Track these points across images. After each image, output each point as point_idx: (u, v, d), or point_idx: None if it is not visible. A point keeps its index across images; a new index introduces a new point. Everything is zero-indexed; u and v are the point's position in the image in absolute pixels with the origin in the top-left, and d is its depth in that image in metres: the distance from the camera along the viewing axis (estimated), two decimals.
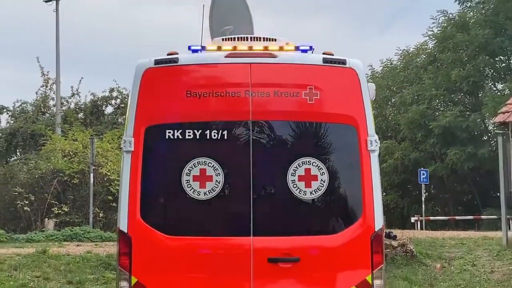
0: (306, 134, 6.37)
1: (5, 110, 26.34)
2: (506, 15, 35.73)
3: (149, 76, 6.28)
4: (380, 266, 6.26)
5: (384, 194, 28.58)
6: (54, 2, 30.28)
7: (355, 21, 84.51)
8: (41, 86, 35.35)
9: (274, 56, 6.37)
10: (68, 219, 21.93)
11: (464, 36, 36.58)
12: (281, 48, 6.49)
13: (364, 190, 6.26)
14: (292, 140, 6.36)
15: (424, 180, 33.06)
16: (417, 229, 31.04)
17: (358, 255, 6.23)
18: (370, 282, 6.16)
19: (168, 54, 6.39)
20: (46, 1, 30.33)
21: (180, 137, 6.21)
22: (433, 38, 40.57)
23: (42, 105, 35.94)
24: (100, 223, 22.16)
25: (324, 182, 6.20)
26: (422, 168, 34.07)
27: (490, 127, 36.06)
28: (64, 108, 35.04)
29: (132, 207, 6.13)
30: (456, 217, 36.20)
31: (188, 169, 6.13)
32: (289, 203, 6.26)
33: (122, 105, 37.63)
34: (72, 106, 36.00)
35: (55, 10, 31.58)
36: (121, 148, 6.43)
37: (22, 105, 36.08)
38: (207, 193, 6.12)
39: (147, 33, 79.54)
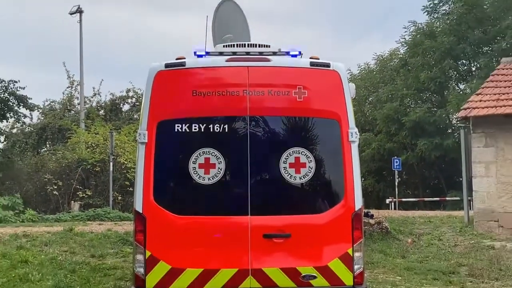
0: (296, 127, 6.41)
1: (36, 108, 26.30)
2: (468, 25, 35.80)
3: (161, 77, 6.31)
4: (360, 241, 6.32)
5: (362, 179, 28.64)
6: (78, 14, 30.29)
7: (336, 31, 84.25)
8: (67, 87, 35.66)
9: (268, 60, 6.41)
10: (91, 202, 22.03)
11: (432, 42, 36.59)
12: (274, 53, 6.53)
13: (346, 175, 6.32)
14: (284, 133, 6.40)
15: (397, 167, 33.23)
16: (391, 209, 31.09)
17: (341, 231, 6.28)
18: (351, 254, 6.23)
19: (176, 59, 6.43)
20: (71, 14, 30.31)
21: (187, 130, 6.25)
22: (405, 45, 40.64)
23: (68, 103, 36.08)
24: (119, 205, 22.22)
25: (311, 168, 6.26)
26: (395, 157, 34.24)
27: (454, 121, 36.07)
28: (87, 106, 35.11)
29: (146, 191, 6.17)
30: (425, 198, 36.37)
31: (194, 158, 6.18)
32: (281, 187, 6.32)
33: (137, 103, 37.69)
34: (94, 104, 36.20)
35: (79, 21, 31.55)
36: (136, 140, 6.43)
37: (51, 103, 36.36)
38: (211, 178, 6.16)
39: (158, 41, 79.31)
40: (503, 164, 17.29)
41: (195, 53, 6.55)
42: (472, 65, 38.57)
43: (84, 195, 21.91)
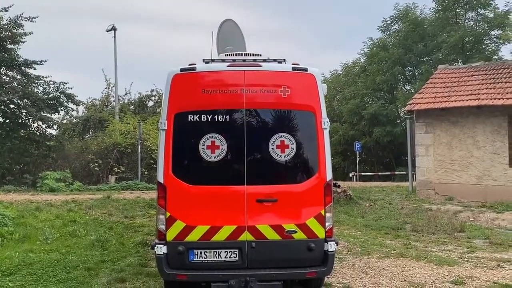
0: (281, 117, 6.39)
1: (81, 103, 26.14)
2: (413, 40, 35.81)
3: (177, 79, 6.27)
4: (330, 204, 6.34)
5: (332, 158, 28.83)
6: (113, 31, 29.92)
7: (311, 44, 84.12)
8: (105, 88, 35.41)
9: (260, 66, 6.39)
10: (124, 176, 22.08)
11: (385, 53, 36.62)
12: (264, 60, 6.50)
13: (319, 154, 6.33)
14: (272, 121, 6.39)
15: (358, 149, 33.38)
16: (354, 181, 31.25)
17: (316, 197, 6.29)
18: (323, 214, 6.26)
19: (189, 65, 6.37)
20: (108, 31, 29.97)
21: (198, 120, 6.23)
22: (364, 55, 40.60)
23: (105, 100, 35.77)
24: (145, 178, 22.27)
25: (293, 149, 6.27)
26: (357, 141, 34.37)
27: (401, 114, 36.15)
28: (120, 102, 34.96)
29: (166, 166, 6.16)
30: (379, 173, 36.45)
31: (203, 141, 6.16)
32: (270, 163, 6.32)
33: (159, 100, 37.57)
34: (126, 101, 35.78)
35: (113, 37, 31.30)
36: (158, 128, 6.39)
37: (92, 100, 36.10)
38: (216, 157, 6.16)
39: (174, 52, 79.09)
40: (438, 146, 17.36)
41: (203, 60, 6.51)
42: (416, 71, 38.52)
43: (118, 170, 21.97)
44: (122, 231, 11.94)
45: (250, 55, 6.75)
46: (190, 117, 6.21)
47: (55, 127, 25.32)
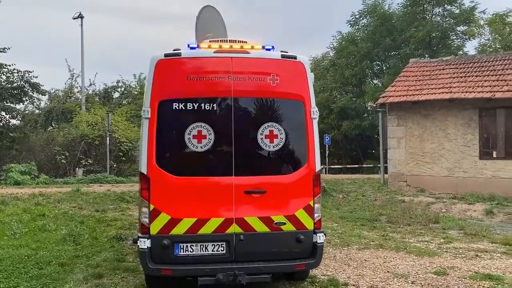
0: (270, 107, 6.19)
1: (47, 93, 25.16)
2: (381, 34, 36.03)
3: (161, 65, 5.98)
4: (319, 195, 6.21)
5: None
6: (80, 19, 28.73)
7: (282, 37, 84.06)
8: (68, 79, 34.18)
9: (248, 53, 6.17)
10: (92, 168, 21.44)
11: (353, 48, 36.81)
12: (252, 47, 6.25)
13: (308, 145, 6.19)
14: (261, 111, 6.19)
15: (327, 142, 33.47)
16: (323, 174, 31.40)
17: (305, 188, 6.15)
18: (312, 206, 6.13)
19: (173, 50, 6.07)
20: (74, 19, 28.76)
21: (183, 108, 5.97)
22: (333, 49, 40.75)
23: (69, 91, 34.57)
24: (114, 171, 21.66)
25: (282, 139, 6.10)
26: (326, 134, 34.50)
27: (369, 108, 36.58)
28: (85, 93, 33.94)
29: (150, 157, 5.87)
30: (347, 166, 36.80)
31: (189, 130, 5.91)
32: (258, 154, 6.14)
33: (126, 92, 36.88)
34: (90, 92, 34.65)
35: (80, 25, 30.18)
36: (141, 116, 6.08)
37: (55, 91, 34.87)
38: (203, 147, 5.92)
39: (141, 43, 77.52)
40: (410, 139, 17.55)
41: (188, 45, 6.23)
42: (384, 65, 38.92)
43: (86, 163, 21.25)
44: (94, 225, 11.52)
45: (236, 42, 6.49)
46: (175, 105, 5.93)
47: (19, 117, 24.34)
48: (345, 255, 8.90)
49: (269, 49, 6.27)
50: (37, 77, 22.61)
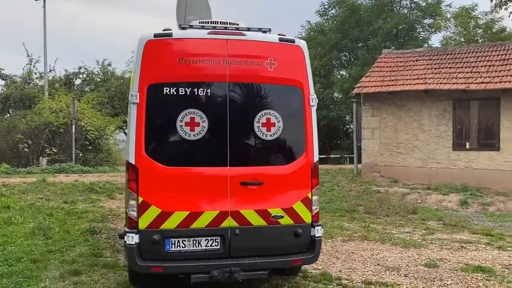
0: (267, 93, 5.81)
1: (8, 78, 23.77)
2: (349, 26, 36.02)
3: (150, 46, 5.51)
4: (317, 187, 5.92)
5: None
6: (42, 0, 27.15)
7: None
8: (26, 64, 32.62)
9: (244, 35, 5.76)
10: (56, 158, 20.44)
11: (322, 38, 36.68)
12: (248, 29, 5.85)
13: (307, 134, 5.89)
14: (258, 97, 5.81)
15: None
16: None
17: (302, 179, 5.84)
18: (310, 198, 5.83)
19: (163, 30, 5.60)
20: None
21: (175, 93, 5.52)
22: (302, 39, 40.42)
23: (27, 77, 33.04)
24: (80, 160, 20.74)
25: (280, 127, 5.75)
26: None
27: (335, 98, 36.78)
28: (43, 79, 32.57)
29: (138, 145, 5.42)
30: None
31: (181, 117, 5.48)
32: (255, 143, 5.77)
33: (88, 78, 35.68)
34: (50, 78, 33.13)
35: (43, 6, 28.72)
36: (129, 101, 5.61)
37: (13, 77, 33.27)
38: (196, 135, 5.51)
39: (103, 29, 75.30)
40: (384, 129, 17.54)
41: (179, 25, 5.79)
42: (351, 56, 38.99)
43: (50, 152, 20.22)
44: (64, 217, 10.88)
45: (227, 24, 6.05)
46: (166, 89, 5.48)
47: None
48: (331, 248, 8.70)
49: (265, 31, 5.89)
50: None
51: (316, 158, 5.87)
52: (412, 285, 6.55)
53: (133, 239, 5.35)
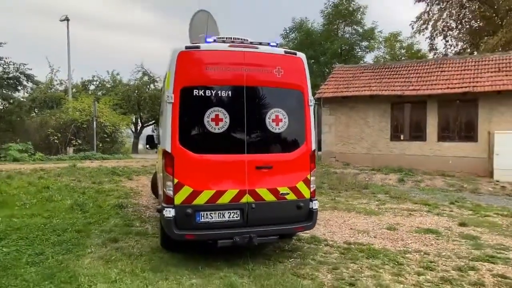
0: (276, 95, 5.54)
1: (40, 83, 22.22)
2: (305, 46, 35.45)
3: (182, 56, 5.14)
4: (314, 170, 5.70)
5: None
6: (66, 22, 25.61)
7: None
8: (49, 73, 30.95)
9: (257, 48, 5.45)
10: (80, 148, 19.51)
11: None
12: (260, 43, 5.55)
13: (306, 128, 5.64)
14: (268, 98, 5.52)
15: None
16: None
17: (303, 164, 5.61)
18: (309, 178, 5.63)
19: (192, 43, 5.26)
20: (61, 21, 25.70)
21: (203, 94, 5.17)
22: None
23: (49, 84, 31.28)
24: (100, 150, 19.85)
25: (286, 123, 5.49)
26: None
27: None
28: (63, 85, 30.97)
29: (174, 137, 5.07)
30: None
31: (208, 114, 5.14)
32: (267, 135, 5.49)
33: (100, 85, 34.28)
34: (68, 85, 31.62)
35: (67, 26, 27.11)
36: (165, 101, 5.23)
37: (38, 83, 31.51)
38: (219, 128, 5.18)
39: (111, 47, 72.83)
40: (339, 125, 17.51)
41: (205, 39, 5.43)
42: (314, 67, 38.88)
43: (76, 143, 19.29)
44: (95, 195, 10.30)
45: (238, 39, 5.76)
46: (196, 91, 5.15)
47: (15, 104, 21.67)
48: None
49: (273, 46, 5.61)
50: (31, 69, 20.25)
51: (313, 147, 5.66)
52: (382, 244, 6.45)
53: (170, 212, 5.04)
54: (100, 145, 19.87)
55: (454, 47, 31.66)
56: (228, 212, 5.22)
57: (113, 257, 5.65)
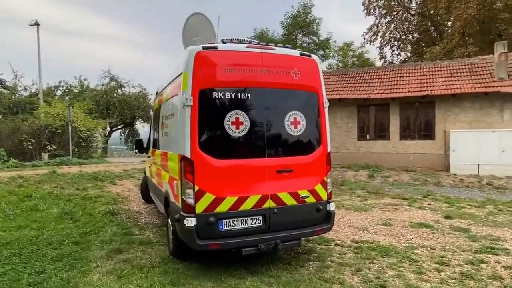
0: (294, 97, 5.02)
1: (12, 89, 19.96)
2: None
3: (200, 56, 4.49)
4: (330, 172, 5.25)
5: None
6: (36, 26, 23.30)
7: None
8: (12, 79, 28.41)
9: (274, 49, 4.90)
10: (56, 153, 17.77)
11: None
12: (275, 45, 5.01)
13: (322, 130, 5.17)
14: (287, 100, 4.98)
15: None
16: None
17: (320, 166, 5.12)
18: (326, 180, 5.15)
19: (209, 43, 4.63)
20: (31, 25, 23.34)
21: (222, 96, 4.54)
22: None
23: (13, 90, 28.59)
24: (75, 155, 18.23)
25: (304, 125, 4.98)
26: None
27: None
28: (28, 91, 28.43)
29: (193, 141, 4.40)
30: None
31: (228, 117, 4.52)
32: (286, 138, 4.94)
33: (67, 90, 31.86)
34: (33, 90, 28.98)
35: (36, 31, 24.76)
36: (183, 104, 4.52)
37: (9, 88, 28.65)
38: (240, 132, 4.59)
39: (73, 51, 68.55)
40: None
41: (222, 40, 4.80)
42: None
43: (51, 148, 17.56)
44: (82, 202, 9.21)
45: (247, 41, 5.17)
46: (215, 94, 4.51)
47: None
48: None
49: (288, 47, 5.10)
50: (1, 74, 18.14)
51: (329, 149, 5.20)
52: (387, 241, 6.14)
53: (191, 222, 4.37)
54: (76, 149, 18.25)
55: (400, 56, 32.87)
56: (251, 219, 4.63)
57: (124, 271, 4.86)
